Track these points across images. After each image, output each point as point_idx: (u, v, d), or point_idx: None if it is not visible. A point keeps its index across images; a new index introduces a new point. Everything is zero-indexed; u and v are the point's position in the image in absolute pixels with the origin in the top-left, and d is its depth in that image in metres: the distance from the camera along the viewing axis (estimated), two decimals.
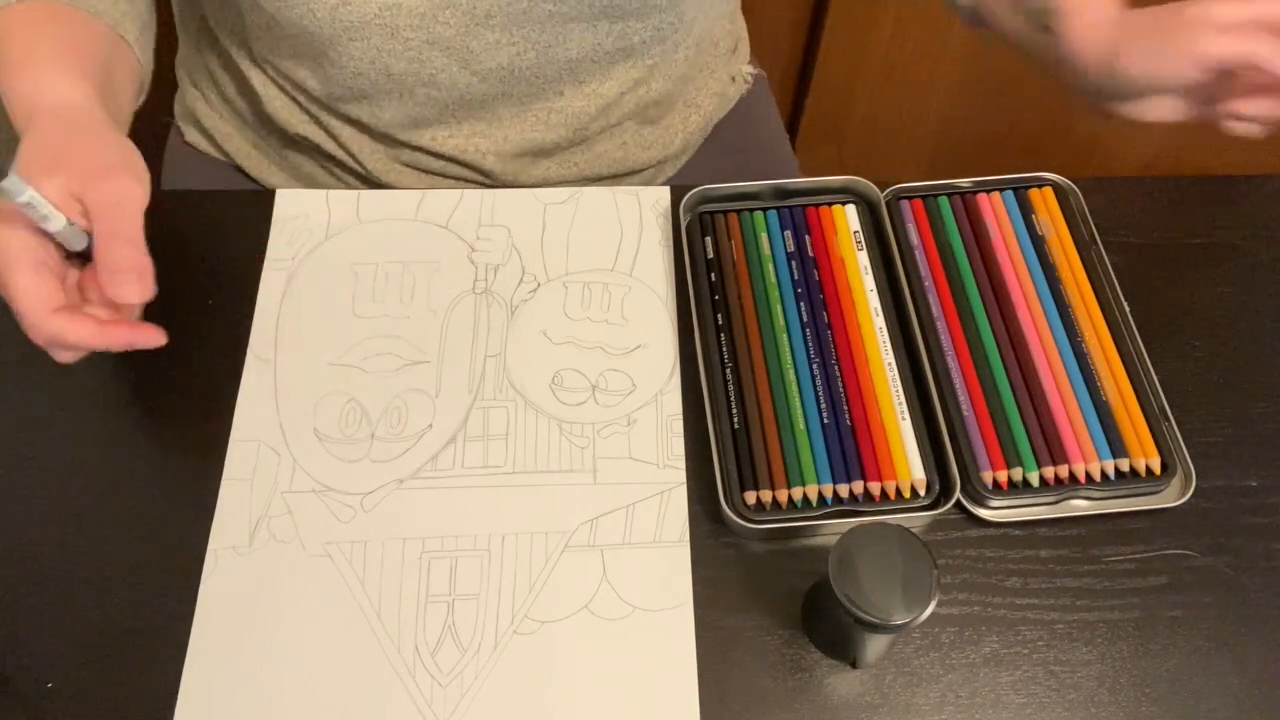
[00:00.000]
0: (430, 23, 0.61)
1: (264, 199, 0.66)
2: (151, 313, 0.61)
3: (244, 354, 0.60)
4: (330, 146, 0.72)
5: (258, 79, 0.71)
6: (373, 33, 0.61)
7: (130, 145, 0.53)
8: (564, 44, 0.65)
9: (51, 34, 0.56)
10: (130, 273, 0.49)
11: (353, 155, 0.72)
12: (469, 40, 0.63)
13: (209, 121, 0.78)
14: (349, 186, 0.76)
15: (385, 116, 0.68)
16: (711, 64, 0.79)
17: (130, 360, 0.60)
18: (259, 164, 0.78)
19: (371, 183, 0.74)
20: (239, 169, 0.79)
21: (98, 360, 0.60)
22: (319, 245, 0.64)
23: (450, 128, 0.70)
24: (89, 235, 0.49)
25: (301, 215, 0.65)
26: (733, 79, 0.84)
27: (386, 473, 0.56)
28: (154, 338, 0.51)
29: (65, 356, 0.51)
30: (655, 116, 0.76)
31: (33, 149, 0.50)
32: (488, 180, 0.73)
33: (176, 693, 0.50)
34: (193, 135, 0.80)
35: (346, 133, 0.71)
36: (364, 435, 0.57)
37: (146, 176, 0.52)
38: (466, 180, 0.73)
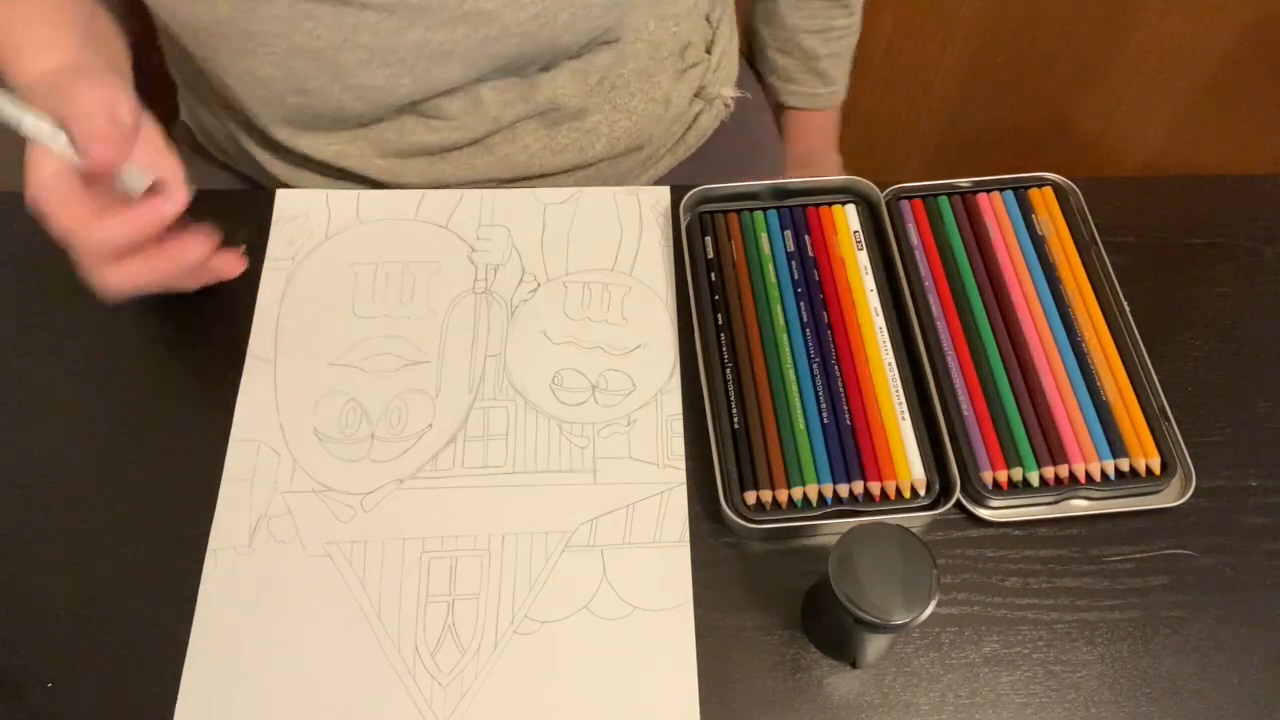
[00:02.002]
0: (293, 31, 0.59)
1: (264, 199, 0.66)
2: (152, 312, 0.62)
3: (244, 354, 0.60)
4: (234, 150, 0.73)
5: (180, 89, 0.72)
6: (230, 33, 0.60)
7: (113, 79, 0.55)
8: (445, 75, 0.63)
9: (24, 13, 0.58)
10: (97, 138, 0.51)
11: (255, 160, 0.72)
12: (340, 56, 0.61)
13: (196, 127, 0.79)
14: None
15: (263, 116, 0.67)
16: (651, 69, 0.72)
17: (130, 359, 0.60)
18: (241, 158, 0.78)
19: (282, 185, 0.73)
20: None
21: (97, 360, 0.60)
22: (319, 245, 0.64)
23: (330, 135, 0.68)
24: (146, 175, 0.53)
25: (301, 215, 0.65)
26: (709, 101, 0.78)
27: (386, 473, 0.56)
28: (174, 203, 0.53)
29: (119, 278, 0.53)
30: (563, 119, 0.70)
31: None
32: (378, 185, 0.70)
33: (176, 693, 0.50)
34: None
35: (235, 130, 0.71)
36: (364, 435, 0.57)
37: (120, 82, 0.54)
38: (356, 185, 0.71)
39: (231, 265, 0.59)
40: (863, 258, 0.63)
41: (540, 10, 0.60)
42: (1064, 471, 0.56)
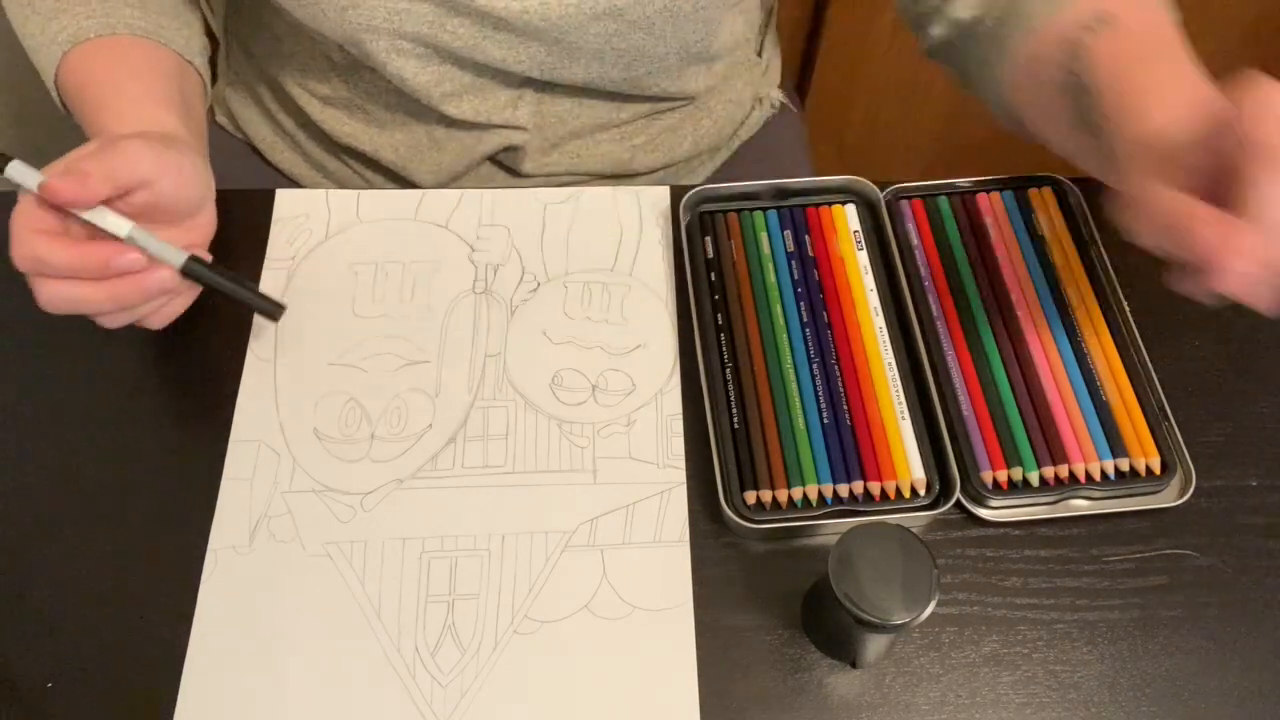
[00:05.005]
0: (438, 30, 0.61)
1: (264, 199, 0.66)
2: None
3: (244, 354, 0.60)
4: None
5: (290, 77, 0.73)
6: (381, 36, 0.62)
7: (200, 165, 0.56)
8: (570, 68, 0.65)
9: (131, 68, 0.59)
10: (73, 173, 0.48)
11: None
12: (480, 47, 0.63)
13: (233, 104, 0.80)
14: (361, 176, 0.77)
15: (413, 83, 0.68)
16: (729, 73, 0.77)
17: (129, 359, 0.60)
18: (276, 148, 0.79)
19: (384, 168, 0.75)
20: (255, 150, 0.81)
21: (97, 360, 0.60)
22: (319, 245, 0.64)
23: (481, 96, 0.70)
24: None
25: (301, 215, 0.65)
26: (759, 99, 0.83)
27: (386, 472, 0.56)
28: (131, 261, 0.50)
29: (50, 293, 0.50)
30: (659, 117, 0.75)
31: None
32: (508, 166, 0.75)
33: (176, 693, 0.50)
34: (220, 117, 0.82)
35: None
36: (364, 435, 0.57)
37: (184, 162, 0.53)
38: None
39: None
40: (862, 257, 0.63)
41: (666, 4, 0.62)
42: (1064, 471, 0.56)
